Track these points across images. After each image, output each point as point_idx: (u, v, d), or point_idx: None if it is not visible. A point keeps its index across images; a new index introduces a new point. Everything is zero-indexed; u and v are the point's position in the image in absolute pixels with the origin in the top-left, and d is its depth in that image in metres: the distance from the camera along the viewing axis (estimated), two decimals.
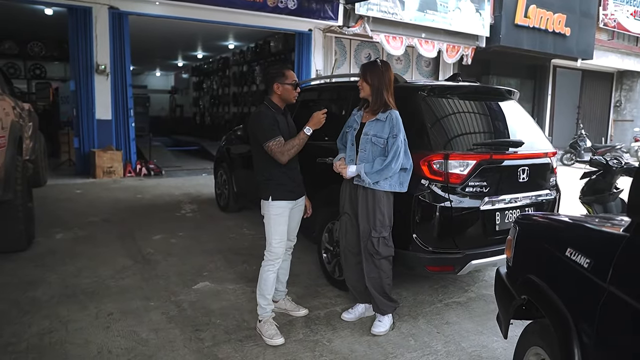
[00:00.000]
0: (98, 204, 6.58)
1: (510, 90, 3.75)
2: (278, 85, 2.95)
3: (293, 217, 3.12)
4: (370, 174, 2.94)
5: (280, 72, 2.97)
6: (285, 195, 2.99)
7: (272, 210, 2.96)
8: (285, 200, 2.99)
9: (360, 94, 3.07)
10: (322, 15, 9.73)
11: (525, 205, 3.41)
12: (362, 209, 3.02)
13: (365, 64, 3.11)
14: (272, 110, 2.97)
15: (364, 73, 3.04)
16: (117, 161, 8.73)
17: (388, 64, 3.12)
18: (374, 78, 3.00)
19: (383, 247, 3.02)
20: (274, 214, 2.96)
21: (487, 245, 3.24)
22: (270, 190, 2.97)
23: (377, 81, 2.99)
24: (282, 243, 3.01)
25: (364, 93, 3.06)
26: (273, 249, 2.99)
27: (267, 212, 2.99)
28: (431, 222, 3.07)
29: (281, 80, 2.95)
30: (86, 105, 8.62)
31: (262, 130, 2.87)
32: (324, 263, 3.90)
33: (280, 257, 3.02)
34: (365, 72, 3.03)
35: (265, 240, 3.05)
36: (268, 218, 2.99)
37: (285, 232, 3.02)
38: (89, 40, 8.46)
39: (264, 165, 2.99)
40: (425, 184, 3.09)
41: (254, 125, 2.94)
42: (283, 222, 3.00)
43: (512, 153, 3.32)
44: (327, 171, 3.77)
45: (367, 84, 3.02)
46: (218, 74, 16.78)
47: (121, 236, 5.06)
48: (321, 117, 2.96)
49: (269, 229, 2.99)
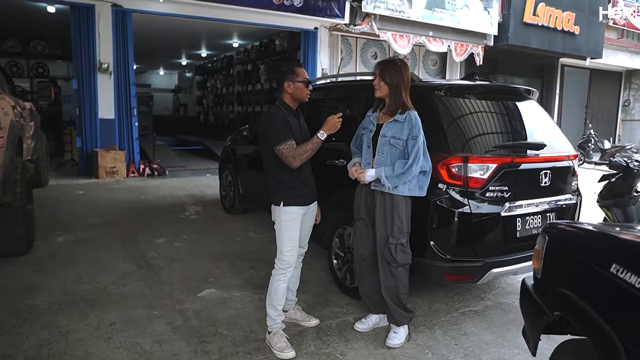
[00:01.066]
0: (100, 205, 6.44)
1: (529, 90, 3.59)
2: (289, 84, 2.81)
3: (305, 223, 2.97)
4: (391, 177, 2.78)
5: (290, 70, 2.83)
6: (297, 200, 2.85)
7: (284, 217, 2.82)
8: (297, 205, 2.85)
9: (377, 93, 2.91)
10: (328, 13, 9.56)
11: (546, 211, 3.25)
12: (380, 214, 2.87)
13: (382, 62, 2.95)
14: (284, 110, 2.82)
15: (382, 71, 2.88)
16: (120, 161, 8.59)
17: (405, 62, 2.96)
18: (393, 77, 2.85)
19: (401, 254, 2.87)
20: (285, 220, 2.82)
21: (508, 252, 3.08)
22: (282, 195, 2.82)
23: (396, 80, 2.84)
24: (293, 251, 2.86)
25: (381, 93, 2.90)
26: (284, 257, 2.84)
27: (278, 218, 2.85)
28: (450, 228, 2.91)
29: (292, 78, 2.81)
30: (89, 104, 8.49)
31: (273, 132, 2.72)
32: (334, 269, 3.75)
33: (291, 265, 2.87)
34: (384, 71, 2.87)
35: (274, 246, 2.91)
36: (279, 224, 2.84)
37: (297, 239, 2.88)
38: (92, 39, 8.32)
39: (274, 169, 2.84)
40: (443, 189, 2.93)
41: (264, 126, 2.80)
42: (295, 229, 2.85)
43: (533, 156, 3.16)
44: (337, 174, 3.63)
45: (385, 83, 2.86)
46: (222, 72, 16.63)
47: (123, 239, 4.92)
48: (337, 121, 2.81)
49: (280, 236, 2.85)
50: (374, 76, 2.95)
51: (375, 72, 2.95)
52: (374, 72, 3.00)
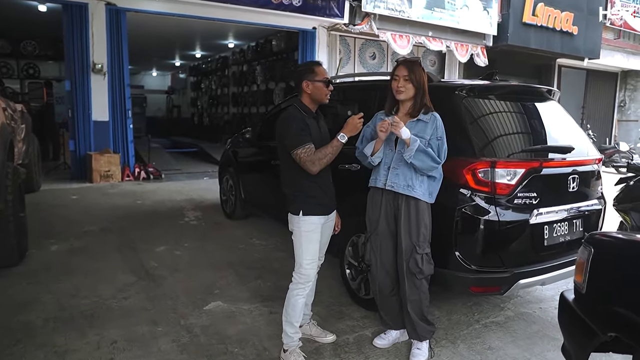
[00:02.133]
0: (95, 210, 6.20)
1: (550, 90, 3.42)
2: (307, 83, 2.62)
3: (323, 234, 2.78)
4: (420, 151, 2.58)
5: (309, 69, 2.64)
6: (317, 209, 2.66)
7: (303, 227, 2.62)
8: (317, 215, 2.65)
9: (400, 95, 2.71)
10: (327, 13, 9.37)
11: (573, 217, 3.08)
12: (405, 222, 2.68)
13: (406, 61, 2.76)
14: (302, 112, 2.62)
15: (409, 71, 2.69)
16: (115, 164, 8.35)
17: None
18: (420, 78, 2.67)
19: (427, 265, 2.69)
20: (305, 230, 2.62)
21: (535, 262, 2.90)
22: (300, 204, 2.63)
23: (422, 82, 2.67)
24: (313, 264, 2.67)
25: (406, 95, 2.70)
26: (304, 271, 2.64)
27: (296, 229, 2.65)
28: (476, 237, 2.73)
29: (310, 77, 2.61)
30: (82, 106, 8.24)
31: (290, 135, 2.54)
32: (347, 280, 3.56)
33: (311, 279, 2.68)
34: (411, 72, 2.68)
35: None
36: (298, 235, 2.65)
37: (317, 251, 2.69)
38: (85, 38, 8.08)
39: (292, 175, 2.65)
40: (468, 195, 2.75)
41: (281, 129, 2.61)
42: (315, 240, 2.66)
43: (561, 160, 2.99)
44: (350, 179, 3.45)
45: (411, 84, 2.68)
46: (217, 73, 16.41)
47: (121, 247, 4.69)
48: (357, 122, 2.61)
49: (299, 247, 2.65)
50: (394, 77, 2.75)
51: (398, 73, 2.75)
52: (393, 73, 2.80)
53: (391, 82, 2.77)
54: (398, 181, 2.69)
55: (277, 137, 2.66)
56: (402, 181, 2.67)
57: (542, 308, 3.58)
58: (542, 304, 3.66)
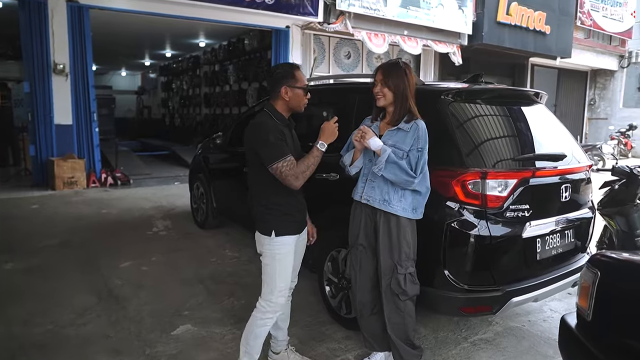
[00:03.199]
0: (56, 222, 5.81)
1: (538, 93, 3.25)
2: (287, 90, 2.35)
3: (297, 253, 2.54)
4: (391, 162, 2.38)
5: (289, 73, 2.37)
6: (291, 228, 2.41)
7: (277, 249, 2.36)
8: (291, 235, 2.40)
9: (379, 102, 2.51)
10: (301, 11, 9.11)
11: (565, 228, 2.91)
12: (384, 240, 2.47)
13: (385, 65, 2.55)
14: (274, 120, 2.35)
15: (384, 77, 2.48)
16: (80, 170, 7.91)
17: (409, 65, 2.58)
18: (398, 82, 2.46)
19: (410, 285, 2.48)
20: (278, 253, 2.36)
21: (528, 277, 2.73)
22: (272, 223, 2.36)
23: (402, 86, 2.46)
24: (286, 290, 2.43)
25: (385, 101, 2.50)
26: (275, 299, 2.38)
27: (268, 252, 2.38)
28: (466, 254, 2.53)
29: (291, 83, 2.35)
30: (43, 108, 7.76)
31: (268, 146, 2.25)
32: (326, 297, 3.33)
33: (281, 308, 2.44)
34: (387, 76, 2.48)
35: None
36: (270, 259, 2.38)
37: (290, 275, 2.44)
38: (45, 37, 7.60)
39: (263, 190, 2.38)
40: (457, 209, 2.54)
41: (254, 139, 2.32)
42: (289, 264, 2.42)
43: (553, 169, 2.81)
44: (329, 189, 3.22)
45: (389, 90, 2.47)
46: (188, 73, 15.94)
47: (82, 264, 4.34)
48: (334, 127, 2.39)
49: (271, 273, 2.38)
50: (375, 82, 2.55)
51: (376, 78, 2.54)
52: (373, 77, 2.60)
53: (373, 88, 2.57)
54: (374, 195, 2.49)
55: (248, 146, 2.38)
56: (378, 195, 2.47)
57: (530, 321, 3.42)
58: (530, 316, 3.50)
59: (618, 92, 18.06)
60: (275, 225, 2.35)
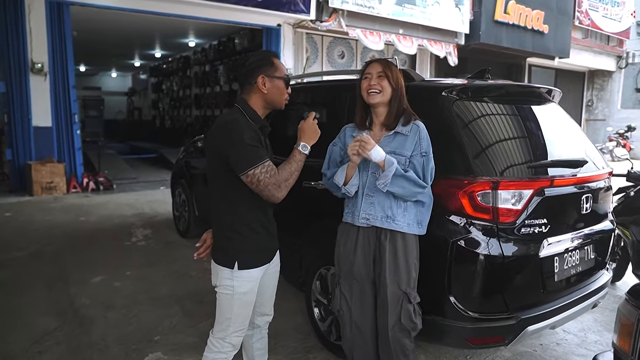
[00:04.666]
0: (29, 231, 5.42)
1: (550, 90, 2.91)
2: (264, 79, 1.92)
3: (267, 285, 2.12)
4: (397, 176, 2.03)
5: (266, 60, 1.95)
6: (259, 257, 1.98)
7: (238, 286, 1.92)
8: (257, 267, 1.97)
9: (374, 98, 2.15)
10: (292, 9, 8.75)
11: (585, 244, 2.57)
12: (392, 266, 2.11)
13: (383, 61, 2.22)
14: (247, 118, 1.90)
15: (385, 67, 2.14)
16: (59, 175, 7.52)
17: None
18: (398, 80, 2.13)
19: (418, 316, 2.13)
20: (239, 291, 1.93)
21: (544, 302, 2.37)
22: (235, 251, 1.92)
23: (401, 85, 2.12)
24: (243, 331, 2.02)
25: (382, 97, 2.15)
26: (229, 339, 1.98)
27: (226, 287, 1.94)
28: (475, 277, 2.17)
29: (269, 72, 1.93)
30: (20, 110, 7.38)
31: (241, 149, 1.80)
32: (314, 319, 2.97)
33: (237, 348, 2.04)
34: (387, 67, 2.14)
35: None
36: (229, 297, 1.93)
37: (249, 315, 2.03)
38: (22, 34, 7.23)
39: (230, 206, 1.92)
40: (463, 224, 2.19)
41: (223, 140, 1.85)
42: (251, 302, 2.00)
43: (572, 177, 2.47)
44: (317, 200, 2.86)
45: (388, 82, 2.12)
46: (178, 74, 15.55)
47: (50, 279, 3.96)
48: (314, 125, 1.98)
49: (227, 310, 1.95)
50: (365, 76, 2.19)
51: (371, 70, 2.19)
52: (363, 71, 2.24)
53: (360, 84, 2.20)
54: (374, 212, 2.12)
55: (212, 150, 1.92)
56: (380, 212, 2.11)
57: (542, 345, 3.07)
58: (542, 339, 3.15)
59: (616, 93, 17.82)
60: (241, 255, 1.91)
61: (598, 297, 2.65)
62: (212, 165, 1.96)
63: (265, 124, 2.00)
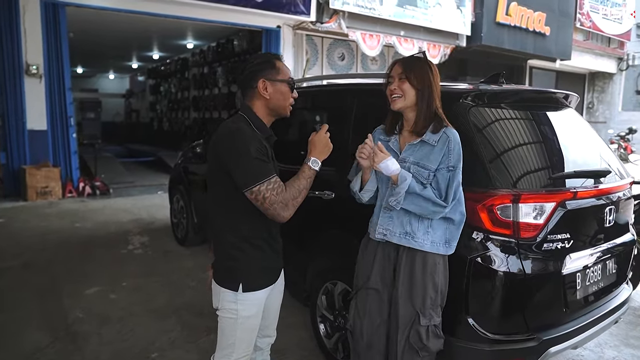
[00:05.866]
0: (22, 238, 5.26)
1: (567, 95, 2.76)
2: (265, 83, 1.77)
3: (272, 306, 1.99)
4: (412, 193, 1.88)
5: (268, 62, 1.81)
6: (265, 279, 1.84)
7: (242, 309, 1.78)
8: (263, 288, 1.83)
9: (395, 104, 2.00)
10: (292, 10, 8.61)
11: (607, 258, 2.43)
12: (405, 281, 1.97)
13: (406, 59, 2.07)
14: (254, 128, 1.76)
15: (406, 69, 1.99)
16: (55, 180, 7.35)
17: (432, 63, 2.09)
18: (423, 78, 1.97)
19: (433, 339, 1.98)
20: (243, 315, 1.78)
21: (566, 321, 2.23)
22: (240, 272, 1.77)
23: (428, 83, 1.97)
24: (247, 356, 1.87)
25: (405, 102, 1.99)
26: None
27: (229, 310, 1.79)
28: (495, 297, 2.03)
29: (271, 75, 1.79)
30: (14, 113, 7.21)
31: (247, 163, 1.66)
32: (320, 336, 2.82)
33: None
34: (409, 68, 1.99)
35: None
36: (233, 321, 1.79)
37: (254, 339, 1.89)
38: (17, 36, 7.06)
39: (234, 223, 1.77)
40: (481, 240, 2.05)
41: (227, 152, 1.69)
42: (255, 326, 1.86)
43: (595, 188, 2.32)
44: (323, 211, 2.72)
45: (411, 86, 1.97)
46: (176, 76, 15.40)
47: (43, 291, 3.81)
48: (325, 138, 1.85)
49: (230, 335, 1.81)
50: (389, 80, 2.05)
51: (392, 72, 2.04)
52: (387, 73, 2.10)
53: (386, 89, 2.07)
54: (392, 227, 1.98)
55: (215, 161, 1.77)
56: (398, 227, 1.97)
57: None
58: (557, 356, 3.00)
59: (617, 95, 17.73)
60: (246, 276, 1.77)
61: (620, 314, 2.52)
62: (213, 178, 1.81)
63: (271, 135, 1.85)
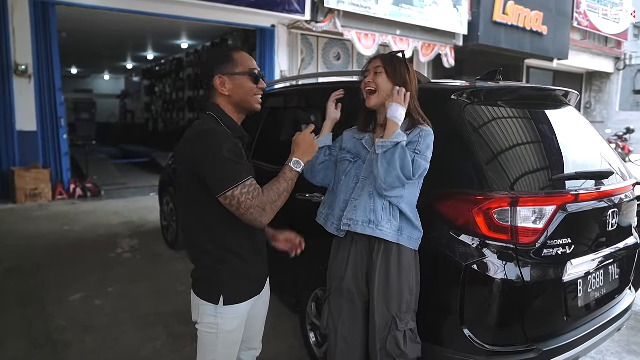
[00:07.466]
0: (9, 241, 5.13)
1: (567, 92, 2.65)
2: (222, 80, 1.64)
3: (256, 317, 1.86)
4: (395, 150, 1.79)
5: (224, 56, 1.67)
6: (247, 290, 1.71)
7: (222, 323, 1.65)
8: (245, 300, 1.70)
9: (370, 100, 1.92)
10: (287, 9, 8.50)
11: (610, 263, 2.32)
12: (382, 284, 1.88)
13: (384, 54, 1.99)
14: (225, 128, 1.63)
15: (385, 62, 1.92)
16: (44, 181, 7.21)
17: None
18: (400, 74, 1.87)
19: (411, 344, 1.88)
20: (224, 329, 1.66)
21: (567, 330, 2.12)
22: (223, 284, 1.64)
23: (406, 78, 1.89)
24: None
25: (378, 99, 1.92)
26: None
27: (208, 324, 1.66)
28: (492, 306, 1.91)
29: (228, 70, 1.65)
30: (3, 114, 7.08)
31: (219, 166, 1.52)
32: (310, 344, 2.70)
33: None
34: (387, 62, 1.90)
35: None
36: (212, 335, 1.67)
37: (236, 353, 1.77)
38: (5, 35, 6.93)
39: (211, 230, 1.63)
40: (477, 246, 1.93)
41: (198, 155, 1.56)
42: (237, 341, 1.73)
43: (597, 191, 2.21)
44: (312, 213, 2.59)
45: (387, 77, 1.90)
46: (171, 76, 15.25)
47: (26, 297, 3.68)
48: (311, 138, 1.73)
49: (210, 350, 1.68)
50: (365, 74, 1.97)
51: (370, 66, 1.96)
52: (364, 69, 2.02)
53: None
54: (355, 216, 1.89)
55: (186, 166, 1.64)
56: (361, 215, 1.88)
57: None
58: None
59: (614, 95, 17.66)
60: (227, 288, 1.64)
61: (623, 321, 2.41)
62: (186, 183, 1.67)
63: (245, 135, 1.73)
